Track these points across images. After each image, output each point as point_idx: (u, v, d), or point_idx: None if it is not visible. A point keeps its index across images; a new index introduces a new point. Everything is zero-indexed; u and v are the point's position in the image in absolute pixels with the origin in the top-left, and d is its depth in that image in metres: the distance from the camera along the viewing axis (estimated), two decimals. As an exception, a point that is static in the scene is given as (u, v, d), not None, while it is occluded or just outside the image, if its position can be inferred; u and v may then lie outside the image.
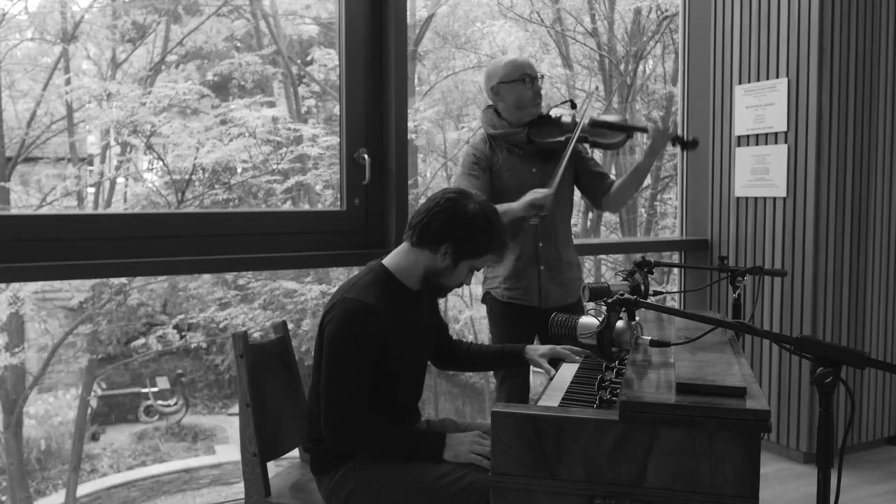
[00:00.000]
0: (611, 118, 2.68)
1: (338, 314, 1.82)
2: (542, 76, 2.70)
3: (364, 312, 1.80)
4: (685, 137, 2.59)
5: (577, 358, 2.10)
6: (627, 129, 2.64)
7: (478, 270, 1.97)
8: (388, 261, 1.96)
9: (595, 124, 2.65)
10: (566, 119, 2.68)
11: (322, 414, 1.82)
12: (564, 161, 2.57)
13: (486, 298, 2.75)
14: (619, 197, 2.71)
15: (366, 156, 3.02)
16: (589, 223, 9.63)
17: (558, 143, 2.62)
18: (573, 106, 2.74)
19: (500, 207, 2.55)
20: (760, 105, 3.59)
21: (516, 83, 2.64)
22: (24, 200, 7.97)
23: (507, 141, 2.69)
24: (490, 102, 2.76)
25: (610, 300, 1.59)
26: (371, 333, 1.81)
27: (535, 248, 2.66)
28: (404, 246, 1.95)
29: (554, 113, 2.71)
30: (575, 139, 2.58)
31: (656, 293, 2.32)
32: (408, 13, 3.11)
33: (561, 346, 2.10)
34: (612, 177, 2.79)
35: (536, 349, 2.11)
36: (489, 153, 2.70)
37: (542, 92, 2.71)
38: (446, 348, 2.17)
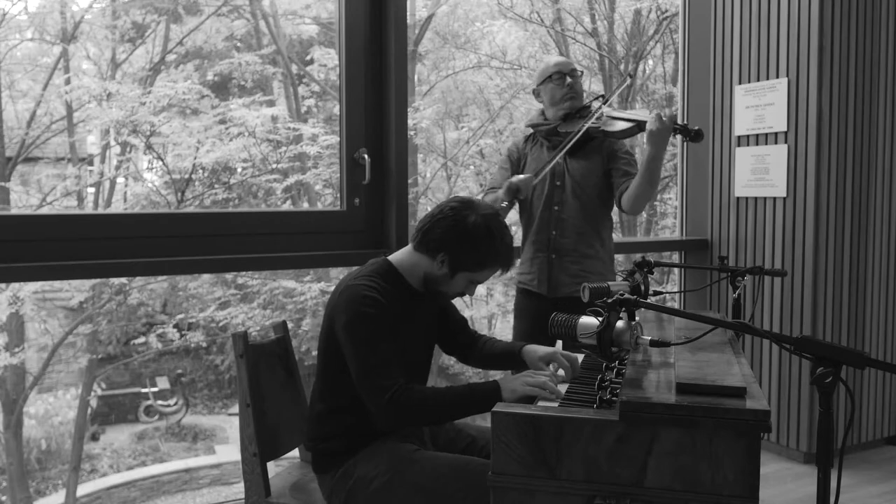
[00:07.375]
0: (624, 114, 2.68)
1: (345, 301, 1.83)
2: (581, 72, 2.80)
3: (370, 292, 1.81)
4: (688, 127, 2.48)
5: (569, 376, 1.93)
6: (636, 121, 2.61)
7: (480, 283, 1.94)
8: (393, 257, 1.97)
9: (610, 115, 2.69)
10: (591, 110, 2.74)
11: (370, 405, 1.78)
12: (562, 151, 2.65)
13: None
14: (634, 197, 2.58)
15: (366, 156, 3.02)
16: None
17: (576, 134, 2.67)
18: (604, 100, 2.76)
19: (489, 197, 2.70)
20: (760, 105, 3.59)
21: (547, 82, 2.76)
22: (24, 200, 7.97)
23: (539, 133, 2.81)
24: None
25: (610, 300, 1.58)
26: (382, 308, 1.81)
27: (549, 235, 2.72)
28: (409, 247, 1.96)
29: (585, 106, 2.78)
30: (584, 129, 2.63)
31: (656, 293, 2.31)
32: (408, 13, 3.11)
33: (562, 354, 1.97)
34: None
35: (536, 350, 2.03)
36: (522, 146, 2.85)
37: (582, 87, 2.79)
38: (466, 343, 2.16)
